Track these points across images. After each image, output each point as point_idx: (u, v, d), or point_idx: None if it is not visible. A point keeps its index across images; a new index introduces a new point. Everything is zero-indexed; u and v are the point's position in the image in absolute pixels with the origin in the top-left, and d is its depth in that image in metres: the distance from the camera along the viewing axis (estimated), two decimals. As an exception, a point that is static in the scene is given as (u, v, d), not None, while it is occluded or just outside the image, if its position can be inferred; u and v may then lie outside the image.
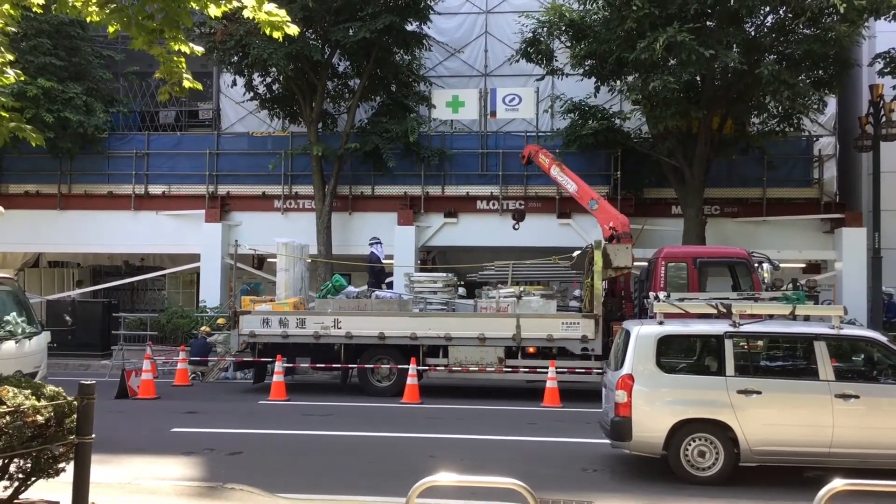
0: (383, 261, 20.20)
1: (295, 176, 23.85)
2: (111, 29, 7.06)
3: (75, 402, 6.23)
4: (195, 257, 23.87)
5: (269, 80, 22.95)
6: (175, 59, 7.28)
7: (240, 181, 24.24)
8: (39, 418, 6.06)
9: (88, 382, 6.25)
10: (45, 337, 11.88)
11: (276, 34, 7.03)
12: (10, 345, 10.63)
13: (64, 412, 6.28)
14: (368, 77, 22.38)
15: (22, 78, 8.64)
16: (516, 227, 20.63)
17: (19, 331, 11.03)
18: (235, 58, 21.83)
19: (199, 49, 7.20)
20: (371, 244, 19.83)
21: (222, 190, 24.20)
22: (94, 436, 6.22)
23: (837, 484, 5.50)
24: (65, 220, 24.59)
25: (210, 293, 23.30)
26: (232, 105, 25.30)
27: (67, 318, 18.56)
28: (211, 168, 24.21)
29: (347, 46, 21.30)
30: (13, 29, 9.34)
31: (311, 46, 21.20)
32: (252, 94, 23.18)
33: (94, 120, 23.26)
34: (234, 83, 23.55)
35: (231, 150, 24.56)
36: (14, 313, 11.28)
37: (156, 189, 24.51)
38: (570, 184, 19.06)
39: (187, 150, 24.64)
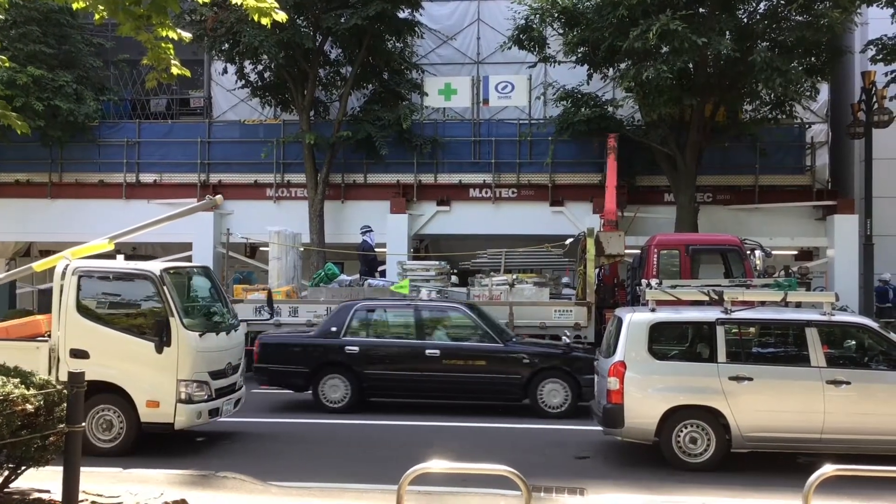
0: (375, 249, 20.17)
1: (287, 164, 23.75)
2: (97, 16, 7.00)
3: (65, 391, 6.20)
4: (187, 246, 23.77)
5: (260, 67, 22.84)
6: (163, 45, 7.22)
7: (231, 169, 24.14)
8: (29, 407, 6.03)
9: (78, 371, 6.23)
10: (244, 328, 11.78)
11: (265, 20, 6.98)
12: (223, 336, 10.59)
13: (53, 401, 6.26)
14: (360, 65, 22.27)
15: (7, 64, 8.56)
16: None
17: (226, 321, 10.96)
18: (226, 45, 21.70)
19: (186, 35, 7.15)
20: (363, 233, 19.79)
21: (214, 178, 24.10)
22: (83, 424, 6.19)
23: (828, 469, 5.52)
24: (56, 208, 24.48)
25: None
26: (223, 93, 25.18)
27: None
28: (202, 156, 24.10)
29: (339, 34, 21.20)
30: (1, 17, 9.26)
31: (303, 34, 21.10)
32: (243, 81, 23.08)
33: (85, 108, 23.12)
34: (225, 71, 23.42)
35: (223, 139, 24.44)
36: (219, 304, 11.21)
37: (147, 177, 24.40)
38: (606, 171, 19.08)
39: (178, 139, 24.50)
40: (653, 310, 9.93)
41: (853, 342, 10.37)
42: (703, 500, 7.95)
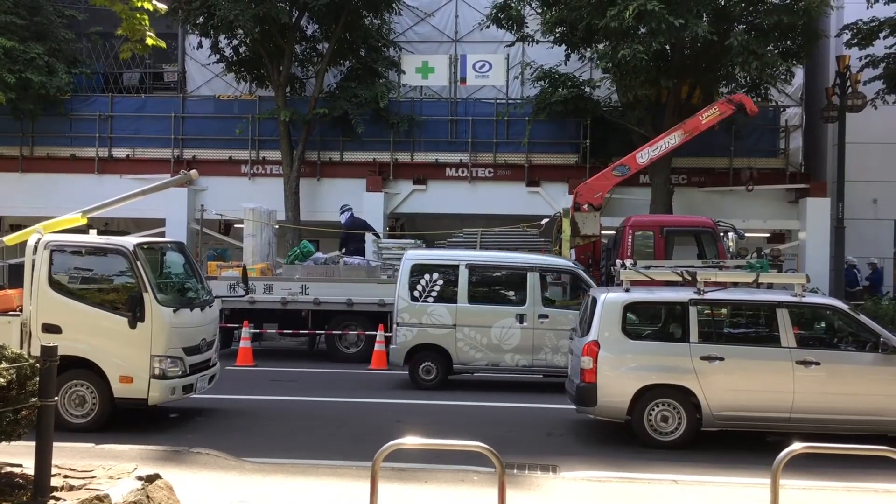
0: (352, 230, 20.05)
1: (262, 141, 23.56)
2: (71, -15, 6.89)
3: (37, 365, 6.14)
4: (160, 222, 23.55)
5: (235, 42, 22.60)
6: (138, 15, 7.13)
7: (206, 145, 23.87)
8: (0, 380, 5.97)
9: (51, 345, 6.17)
10: (218, 304, 11.69)
11: (242, -7, 6.90)
12: (197, 312, 10.48)
13: (26, 375, 6.18)
14: (337, 41, 22.08)
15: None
16: (750, 188, 21.47)
17: (201, 297, 10.86)
18: (201, 19, 21.44)
19: (162, 6, 7.07)
20: (343, 211, 19.74)
21: (188, 154, 23.84)
22: (56, 398, 6.15)
23: (797, 447, 5.62)
24: (27, 182, 24.12)
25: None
26: (198, 67, 24.89)
27: None
28: (176, 131, 23.82)
29: (316, 9, 20.96)
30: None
31: (279, 9, 20.85)
32: (218, 56, 22.82)
33: (57, 81, 22.73)
34: (200, 45, 23.12)
35: (197, 114, 24.17)
36: (193, 279, 11.11)
37: (120, 152, 24.10)
38: None
39: (152, 113, 24.20)
40: (627, 290, 10.00)
41: (823, 323, 10.51)
42: (674, 478, 8.05)
